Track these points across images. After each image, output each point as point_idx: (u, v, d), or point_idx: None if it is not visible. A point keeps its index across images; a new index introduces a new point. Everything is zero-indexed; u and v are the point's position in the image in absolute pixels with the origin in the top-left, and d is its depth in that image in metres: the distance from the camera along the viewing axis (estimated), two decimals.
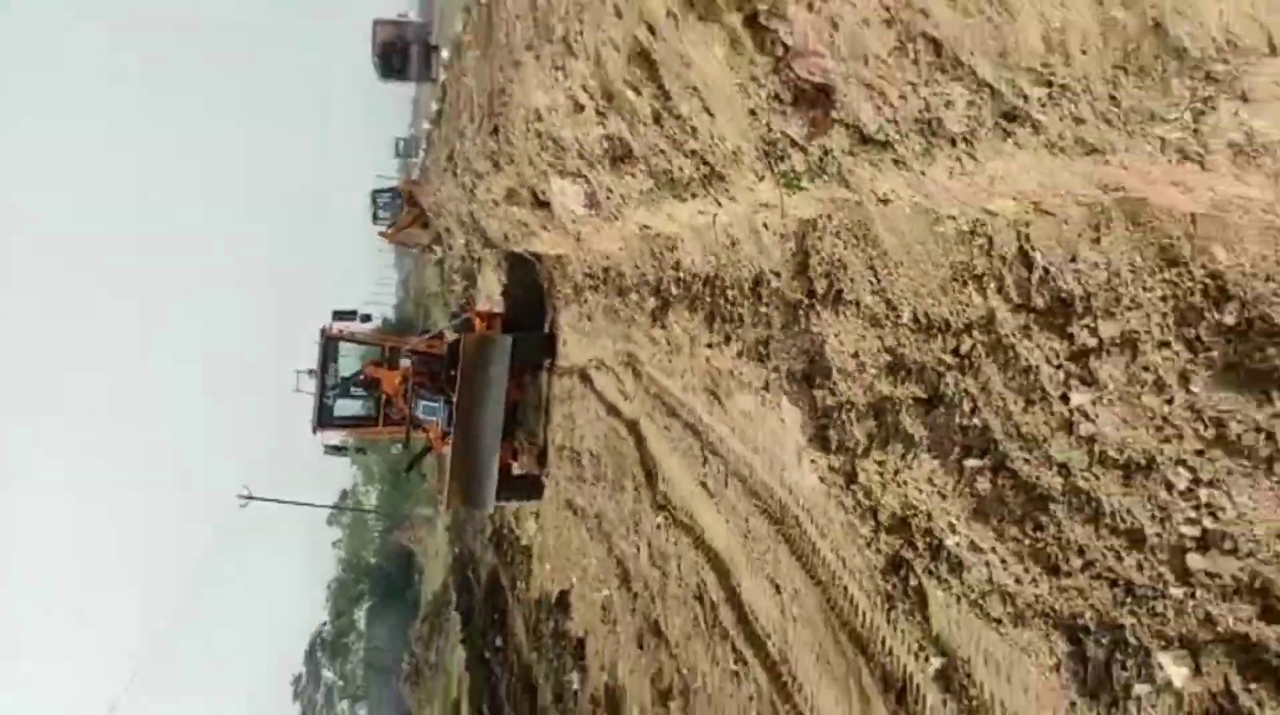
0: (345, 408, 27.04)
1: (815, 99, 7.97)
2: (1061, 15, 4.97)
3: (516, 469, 24.20)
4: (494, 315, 26.84)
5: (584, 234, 18.37)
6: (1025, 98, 5.64)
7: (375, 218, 56.51)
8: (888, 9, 6.24)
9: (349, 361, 26.93)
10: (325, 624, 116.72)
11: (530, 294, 25.50)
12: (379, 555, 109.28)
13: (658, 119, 11.37)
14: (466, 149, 27.36)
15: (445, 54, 36.90)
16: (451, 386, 23.14)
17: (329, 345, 26.64)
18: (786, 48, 7.94)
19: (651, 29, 10.28)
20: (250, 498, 65.00)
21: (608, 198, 15.22)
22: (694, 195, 11.66)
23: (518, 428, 23.97)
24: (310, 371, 27.02)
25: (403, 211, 53.78)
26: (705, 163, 10.89)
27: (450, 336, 26.60)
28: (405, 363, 25.38)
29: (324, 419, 26.72)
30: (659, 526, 15.49)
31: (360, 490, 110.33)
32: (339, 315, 27.31)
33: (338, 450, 31.67)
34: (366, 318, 28.95)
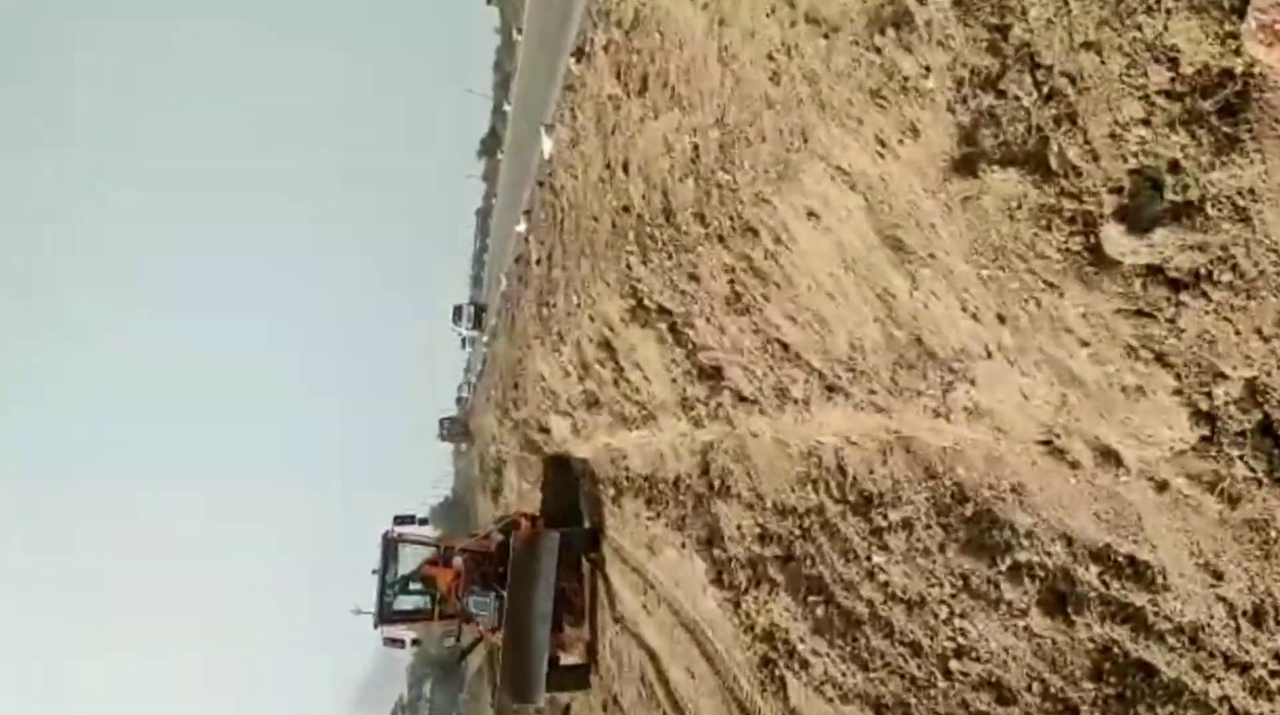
0: (404, 602, 18.83)
1: (712, 374, 8.02)
2: (861, 331, 5.03)
3: (565, 660, 16.67)
4: (536, 517, 18.53)
5: (569, 447, 18.17)
6: (840, 378, 5.66)
7: (441, 435, 66.27)
8: (755, 325, 6.32)
9: (409, 559, 19.02)
10: (402, 694, 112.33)
11: (564, 486, 18.40)
12: (439, 649, 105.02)
13: (615, 382, 11.41)
14: (500, 396, 27.39)
15: (485, 337, 36.73)
16: (501, 583, 16.21)
17: (389, 547, 18.70)
18: (695, 344, 8.02)
19: (611, 328, 10.39)
20: None
21: (584, 426, 15.14)
22: (638, 427, 11.59)
23: (565, 617, 16.47)
24: (375, 570, 18.86)
25: (457, 428, 63.78)
26: (645, 408, 10.86)
27: (496, 536, 18.27)
28: (458, 561, 17.72)
29: (384, 615, 18.58)
30: (616, 633, 14.89)
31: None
32: (399, 520, 19.64)
33: (395, 643, 20.90)
34: (424, 521, 21.67)
